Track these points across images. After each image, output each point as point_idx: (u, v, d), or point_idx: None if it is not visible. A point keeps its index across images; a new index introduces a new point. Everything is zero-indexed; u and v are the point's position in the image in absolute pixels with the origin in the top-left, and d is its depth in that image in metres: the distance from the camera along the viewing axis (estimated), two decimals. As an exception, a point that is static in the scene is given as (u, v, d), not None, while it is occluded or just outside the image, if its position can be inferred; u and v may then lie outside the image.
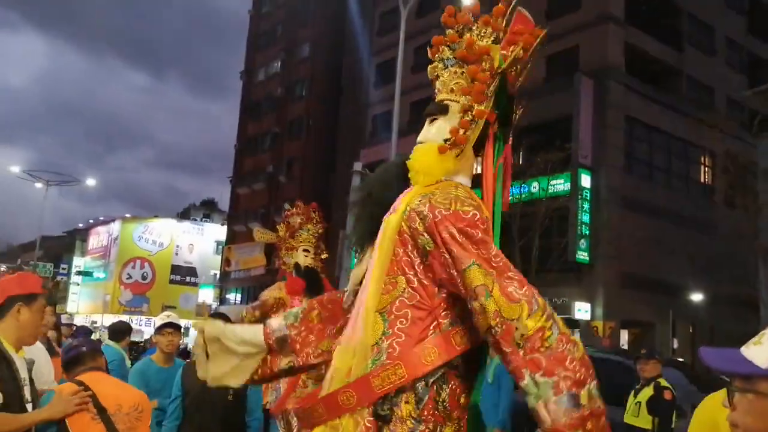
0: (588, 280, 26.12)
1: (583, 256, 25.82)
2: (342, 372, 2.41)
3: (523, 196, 25.32)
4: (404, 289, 2.38)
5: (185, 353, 16.29)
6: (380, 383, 2.30)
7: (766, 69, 34.78)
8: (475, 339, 2.37)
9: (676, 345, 27.42)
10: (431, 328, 2.35)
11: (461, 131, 2.50)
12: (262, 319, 6.00)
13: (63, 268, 70.89)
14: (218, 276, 55.74)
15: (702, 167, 32.16)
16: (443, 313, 2.36)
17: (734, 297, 25.41)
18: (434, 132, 2.57)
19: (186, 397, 4.77)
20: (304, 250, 6.15)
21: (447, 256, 2.30)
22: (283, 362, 2.73)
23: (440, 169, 2.52)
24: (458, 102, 2.54)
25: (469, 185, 2.59)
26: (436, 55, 2.63)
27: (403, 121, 31.17)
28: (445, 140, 2.52)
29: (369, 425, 2.31)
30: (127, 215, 72.20)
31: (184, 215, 77.46)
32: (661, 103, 29.75)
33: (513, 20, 2.57)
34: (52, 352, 5.24)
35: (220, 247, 58.42)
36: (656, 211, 27.54)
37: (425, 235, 2.36)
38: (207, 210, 79.98)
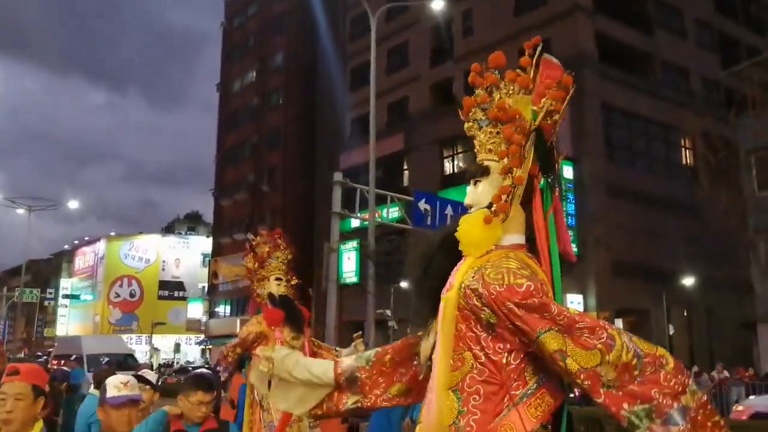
0: (578, 271, 26.05)
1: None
2: None
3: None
4: (472, 364, 2.39)
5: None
6: None
7: (738, 47, 34.92)
8: (554, 403, 2.37)
9: (672, 331, 27.48)
10: (505, 401, 2.34)
11: (503, 198, 2.47)
12: (245, 355, 5.85)
13: (50, 293, 70.33)
14: (206, 289, 55.44)
15: (683, 150, 32.24)
16: (515, 385, 2.35)
17: (728, 279, 25.41)
18: (480, 194, 2.57)
19: None
20: (276, 279, 5.98)
21: (513, 328, 2.31)
22: (350, 401, 2.79)
23: (488, 238, 2.49)
24: (497, 162, 2.52)
25: (523, 241, 2.54)
26: (469, 116, 2.61)
27: (381, 123, 31.19)
28: (489, 208, 2.50)
29: None
30: (112, 233, 71.82)
31: (168, 230, 77.11)
32: (636, 88, 29.80)
33: (541, 68, 2.52)
34: None
35: (207, 259, 58.13)
36: (641, 197, 27.55)
37: (486, 309, 2.35)
38: (192, 223, 79.58)
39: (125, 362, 18.11)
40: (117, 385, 3.43)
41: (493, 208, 2.48)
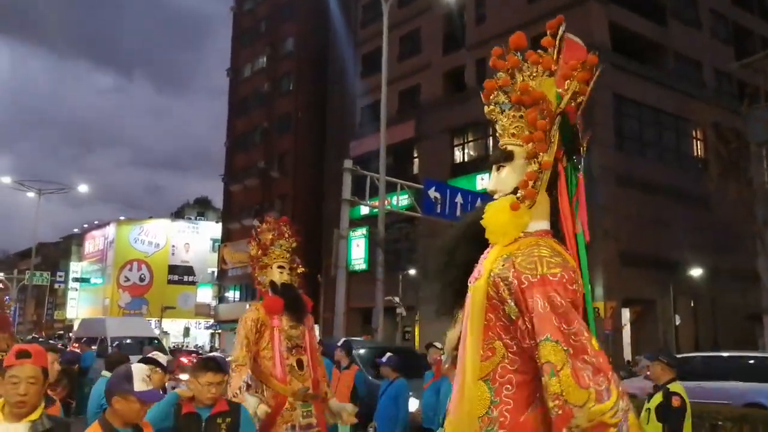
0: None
1: (578, 236, 25.72)
2: None
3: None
4: (504, 354, 2.32)
5: None
6: None
7: (752, 39, 34.73)
8: None
9: (678, 321, 27.48)
10: (537, 392, 2.27)
11: (530, 183, 2.39)
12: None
13: (60, 276, 70.76)
14: (216, 274, 55.71)
15: (694, 141, 32.14)
16: None
17: (735, 270, 25.39)
18: (504, 179, 2.49)
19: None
20: (279, 267, 5.85)
21: (528, 326, 2.22)
22: None
23: (516, 226, 2.40)
24: (522, 147, 2.43)
25: (548, 227, 2.47)
26: (491, 98, 2.53)
27: (391, 111, 31.16)
28: (515, 194, 2.42)
29: None
30: (122, 218, 72.21)
31: (178, 214, 77.36)
32: (648, 78, 29.67)
33: (563, 49, 2.46)
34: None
35: (216, 244, 58.37)
36: (650, 188, 27.49)
37: (511, 302, 2.28)
38: (201, 208, 79.86)
39: (150, 345, 17.95)
40: (144, 378, 3.28)
41: (520, 194, 2.40)
